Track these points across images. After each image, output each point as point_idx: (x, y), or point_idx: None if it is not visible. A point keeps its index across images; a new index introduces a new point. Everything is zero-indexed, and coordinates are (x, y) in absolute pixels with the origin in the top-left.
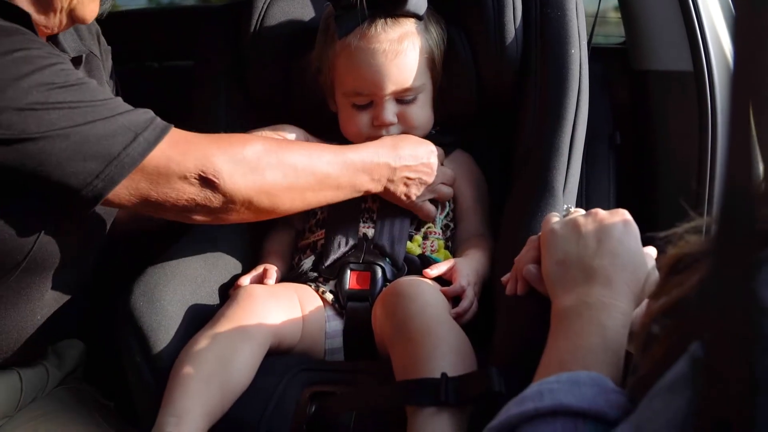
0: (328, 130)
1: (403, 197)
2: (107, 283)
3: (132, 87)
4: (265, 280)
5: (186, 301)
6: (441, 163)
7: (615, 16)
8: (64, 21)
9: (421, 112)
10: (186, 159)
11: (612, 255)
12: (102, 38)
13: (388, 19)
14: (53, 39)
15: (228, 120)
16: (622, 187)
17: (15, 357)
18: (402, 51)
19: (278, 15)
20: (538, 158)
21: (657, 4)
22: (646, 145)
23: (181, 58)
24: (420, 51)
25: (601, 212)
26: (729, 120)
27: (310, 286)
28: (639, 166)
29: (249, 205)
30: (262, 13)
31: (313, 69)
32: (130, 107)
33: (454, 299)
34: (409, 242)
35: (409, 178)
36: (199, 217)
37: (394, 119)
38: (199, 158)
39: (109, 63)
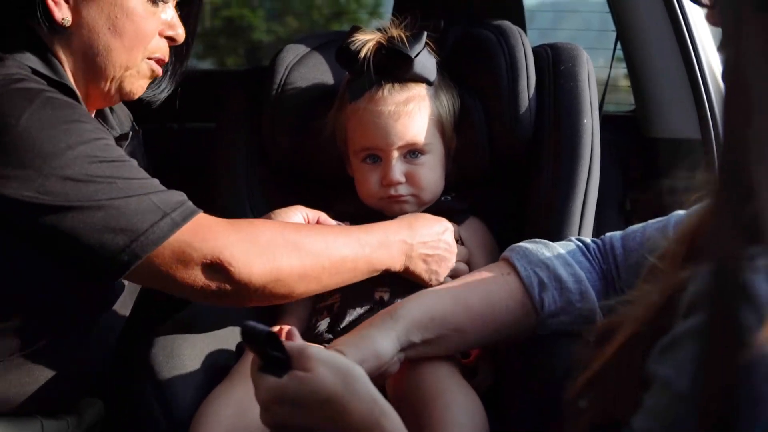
0: (347, 195)
1: (424, 274)
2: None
3: (151, 147)
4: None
5: (203, 356)
6: (456, 239)
7: (625, 84)
8: (113, 93)
9: (431, 174)
10: (203, 246)
11: None
12: (134, 124)
13: (396, 84)
14: (101, 115)
15: (249, 184)
16: None
17: (40, 405)
18: (408, 113)
19: (299, 80)
20: (550, 227)
21: (665, 74)
22: (655, 212)
23: (200, 120)
24: (428, 114)
25: None
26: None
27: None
28: None
29: (264, 291)
30: (284, 79)
31: (328, 132)
32: (163, 188)
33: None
34: None
35: (428, 255)
36: (214, 300)
37: (402, 178)
38: (217, 246)
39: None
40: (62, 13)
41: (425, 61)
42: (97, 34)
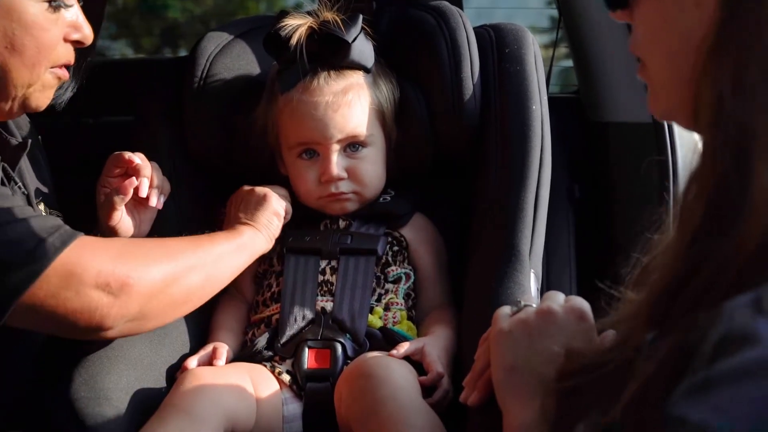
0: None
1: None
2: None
3: (65, 145)
4: (214, 361)
5: (131, 388)
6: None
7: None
8: (16, 109)
9: (373, 168)
10: (93, 264)
11: None
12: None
13: (332, 72)
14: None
15: (174, 184)
16: (582, 241)
17: None
18: (347, 102)
19: (222, 71)
20: (502, 221)
21: (611, 55)
22: (606, 199)
23: (118, 114)
24: (368, 104)
25: (554, 307)
26: None
27: (265, 365)
28: (599, 220)
29: (162, 298)
30: (206, 70)
31: (258, 128)
32: (37, 214)
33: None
34: (369, 314)
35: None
36: (114, 332)
37: (343, 173)
38: (109, 260)
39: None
40: None
41: (362, 47)
42: None
